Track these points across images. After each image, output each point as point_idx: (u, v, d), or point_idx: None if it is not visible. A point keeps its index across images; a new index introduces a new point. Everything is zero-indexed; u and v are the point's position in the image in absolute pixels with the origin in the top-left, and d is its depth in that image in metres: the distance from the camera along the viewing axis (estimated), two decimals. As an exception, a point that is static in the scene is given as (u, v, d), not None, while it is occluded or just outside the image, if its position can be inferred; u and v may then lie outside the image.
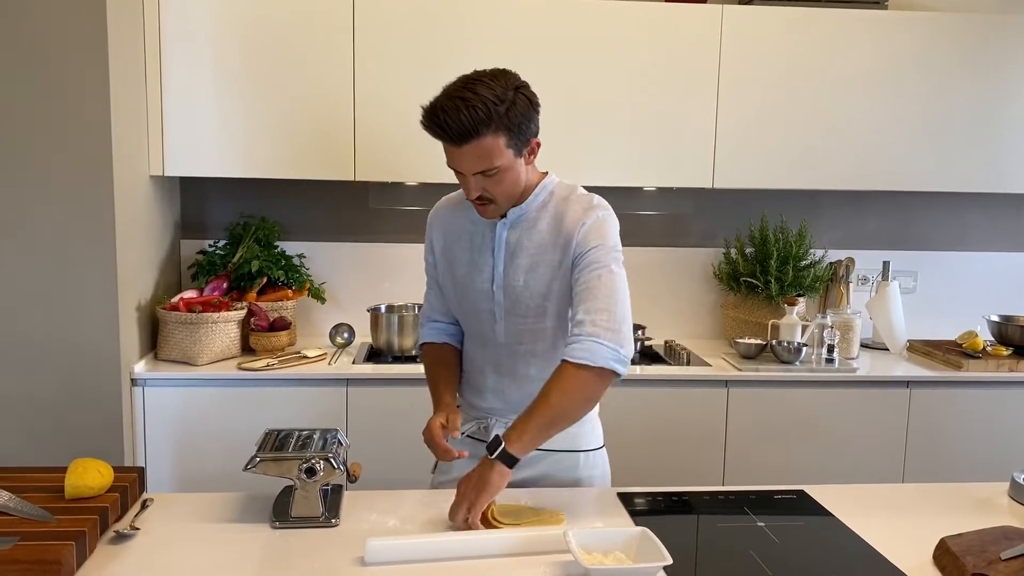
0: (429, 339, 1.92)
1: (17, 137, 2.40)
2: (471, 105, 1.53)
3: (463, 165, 1.61)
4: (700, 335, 3.38)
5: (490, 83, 1.57)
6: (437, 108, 1.56)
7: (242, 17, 2.74)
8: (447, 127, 1.55)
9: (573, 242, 1.68)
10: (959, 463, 2.88)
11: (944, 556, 1.43)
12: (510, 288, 1.73)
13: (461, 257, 1.79)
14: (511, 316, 1.75)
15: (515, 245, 1.73)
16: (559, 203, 1.73)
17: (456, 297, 1.83)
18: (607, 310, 1.60)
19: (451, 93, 1.57)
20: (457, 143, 1.57)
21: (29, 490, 1.49)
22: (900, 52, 2.96)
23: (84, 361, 2.49)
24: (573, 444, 1.83)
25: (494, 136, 1.57)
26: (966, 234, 3.45)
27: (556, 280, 1.70)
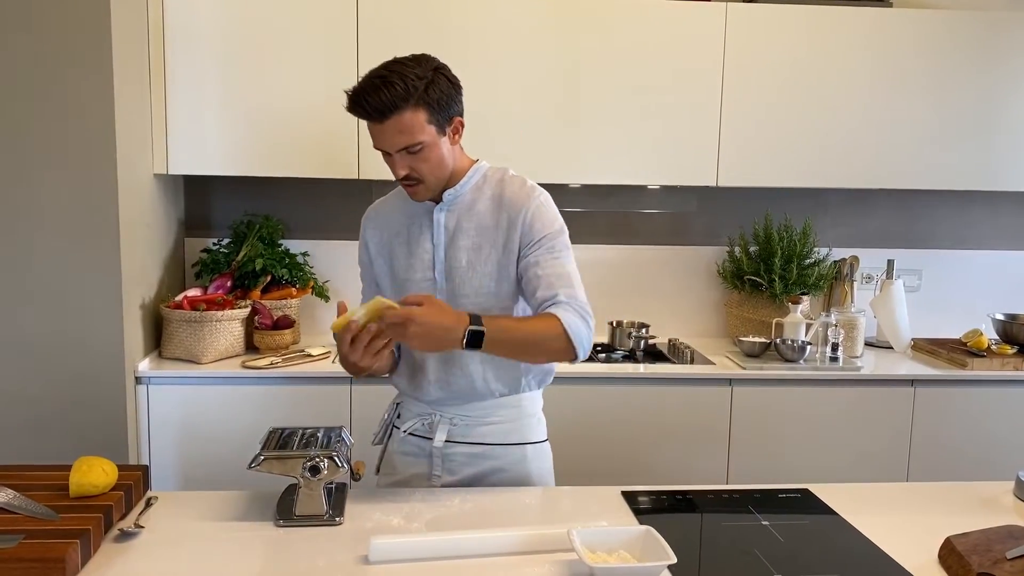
0: None
1: (21, 136, 2.40)
2: (389, 82, 1.60)
3: (386, 142, 1.65)
4: (704, 333, 3.37)
5: (410, 63, 1.64)
6: (357, 89, 1.63)
7: (246, 15, 2.74)
8: (367, 104, 1.61)
9: (519, 226, 1.73)
10: (963, 462, 2.87)
11: (949, 555, 1.43)
12: (453, 271, 1.76)
13: (400, 251, 1.81)
14: (454, 299, 1.76)
15: (454, 228, 1.77)
16: (495, 185, 1.79)
17: (395, 293, 1.82)
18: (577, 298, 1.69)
19: (371, 74, 1.64)
20: (379, 119, 1.62)
21: (33, 488, 1.49)
22: (905, 50, 2.96)
23: (88, 359, 2.50)
24: (520, 438, 1.86)
25: (413, 111, 1.62)
26: (971, 232, 3.44)
27: (501, 260, 1.74)
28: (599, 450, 2.79)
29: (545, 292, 1.69)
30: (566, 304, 1.66)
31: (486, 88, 2.83)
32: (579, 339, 1.64)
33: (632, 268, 3.32)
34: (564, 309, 1.65)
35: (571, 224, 3.41)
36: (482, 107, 2.84)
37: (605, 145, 2.92)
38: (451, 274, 1.76)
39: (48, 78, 2.39)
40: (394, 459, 1.89)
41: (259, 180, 3.07)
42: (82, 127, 2.41)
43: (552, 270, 1.70)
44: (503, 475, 1.83)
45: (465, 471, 1.82)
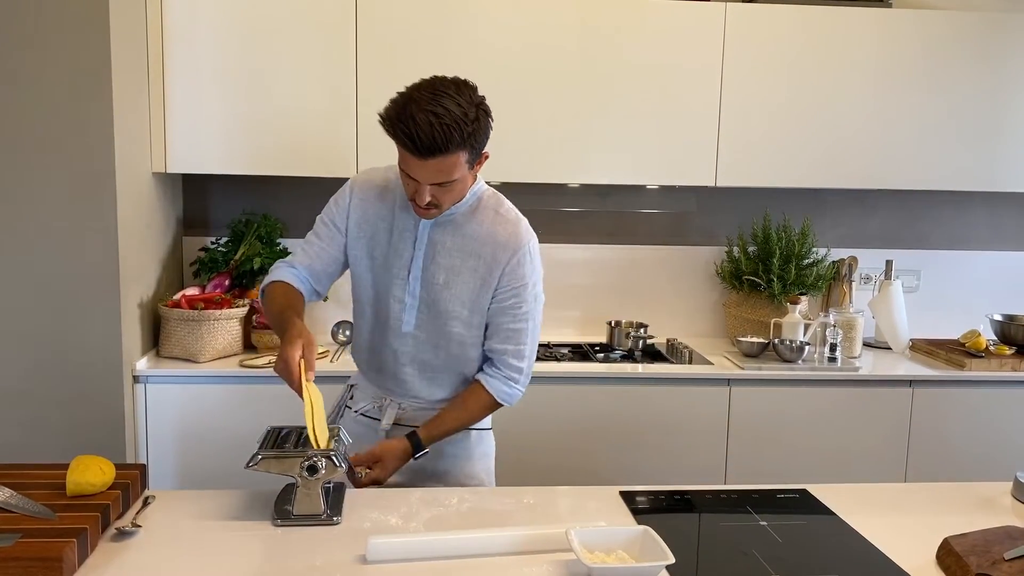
0: (286, 279, 1.82)
1: (19, 134, 2.39)
2: (444, 123, 1.56)
3: (422, 175, 1.63)
4: (702, 333, 3.37)
5: (457, 98, 1.60)
6: (407, 117, 1.57)
7: (244, 14, 2.74)
8: (418, 141, 1.57)
9: (502, 266, 1.78)
10: (962, 463, 2.87)
11: (947, 556, 1.43)
12: (429, 283, 1.79)
13: (381, 237, 1.81)
14: (426, 308, 1.80)
15: (438, 243, 1.79)
16: (488, 214, 1.81)
17: (370, 276, 1.84)
18: (528, 358, 1.85)
19: (420, 103, 1.57)
20: (423, 156, 1.59)
21: (31, 487, 1.49)
22: (904, 50, 2.96)
23: (86, 358, 2.49)
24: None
25: (459, 154, 1.61)
26: (970, 233, 3.44)
27: (477, 290, 1.79)
28: (597, 450, 2.79)
29: (498, 345, 1.83)
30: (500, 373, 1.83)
31: (485, 88, 2.80)
32: (507, 402, 1.86)
33: (631, 268, 3.32)
34: (497, 380, 1.83)
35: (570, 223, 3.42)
36: (481, 106, 2.85)
37: (604, 145, 2.91)
38: (428, 287, 1.80)
39: (47, 76, 2.38)
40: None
41: (258, 179, 3.06)
42: (80, 125, 2.41)
43: (514, 324, 1.82)
44: (446, 460, 1.90)
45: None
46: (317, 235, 1.87)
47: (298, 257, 1.86)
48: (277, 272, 1.85)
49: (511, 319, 1.81)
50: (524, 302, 1.81)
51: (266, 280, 1.85)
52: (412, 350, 1.84)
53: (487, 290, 1.79)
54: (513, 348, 1.82)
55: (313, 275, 1.86)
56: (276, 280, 1.83)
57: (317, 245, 1.86)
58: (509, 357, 1.83)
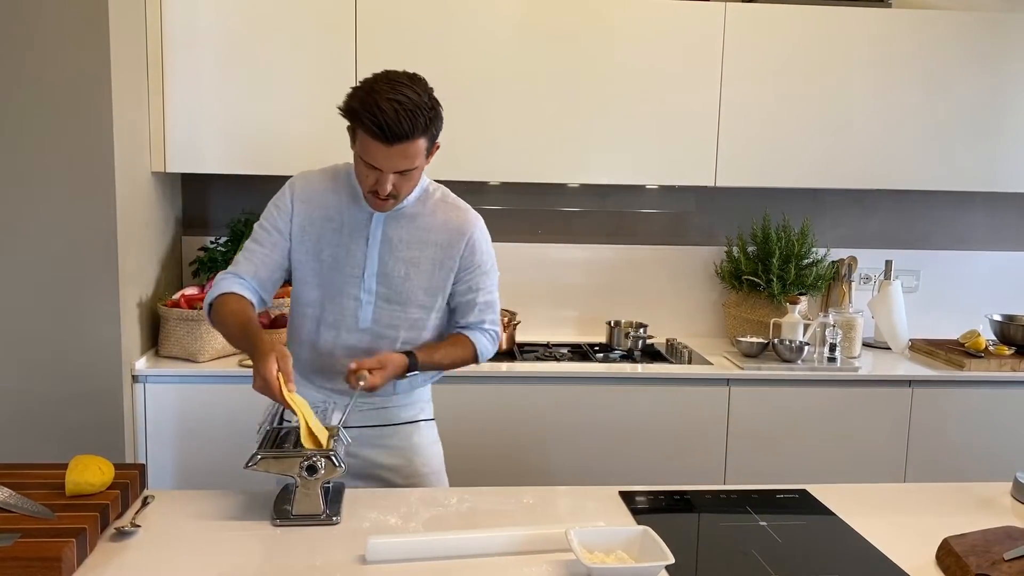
0: (236, 291, 1.78)
1: (18, 133, 2.39)
2: (408, 110, 1.62)
3: (387, 164, 1.67)
4: (702, 333, 3.37)
5: (413, 87, 1.66)
6: (373, 106, 1.62)
7: (244, 13, 2.74)
8: (386, 127, 1.62)
9: (461, 249, 1.85)
10: (961, 463, 2.87)
11: (947, 556, 1.43)
12: (388, 278, 1.82)
13: (329, 238, 1.82)
14: (384, 303, 1.84)
15: (393, 238, 1.82)
16: (437, 203, 1.87)
17: (319, 280, 1.84)
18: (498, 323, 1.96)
19: (384, 94, 1.63)
20: (389, 143, 1.64)
21: (30, 487, 1.49)
22: (904, 50, 2.95)
23: (85, 358, 2.49)
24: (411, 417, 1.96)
25: (420, 139, 1.67)
26: (969, 233, 3.44)
27: (437, 276, 1.85)
28: (596, 450, 2.78)
29: (477, 317, 1.91)
30: (485, 332, 1.92)
31: (485, 89, 2.83)
32: (484, 357, 1.93)
33: (630, 268, 3.32)
34: (483, 335, 1.91)
35: (570, 223, 3.43)
36: (481, 107, 2.85)
37: (604, 145, 2.91)
38: (387, 281, 1.82)
39: (46, 76, 2.37)
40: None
41: (257, 178, 3.04)
42: (80, 125, 2.40)
43: (483, 299, 1.91)
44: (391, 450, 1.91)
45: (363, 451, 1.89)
46: (258, 242, 1.83)
47: (242, 266, 1.82)
48: (224, 283, 1.80)
49: (480, 293, 1.90)
50: (487, 276, 1.90)
51: (212, 292, 1.80)
52: (369, 344, 1.85)
53: (447, 273, 1.86)
54: (489, 317, 1.92)
55: (260, 284, 1.82)
56: (225, 292, 1.78)
57: (260, 252, 1.82)
58: (487, 324, 1.92)
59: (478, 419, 2.74)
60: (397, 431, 1.92)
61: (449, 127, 2.79)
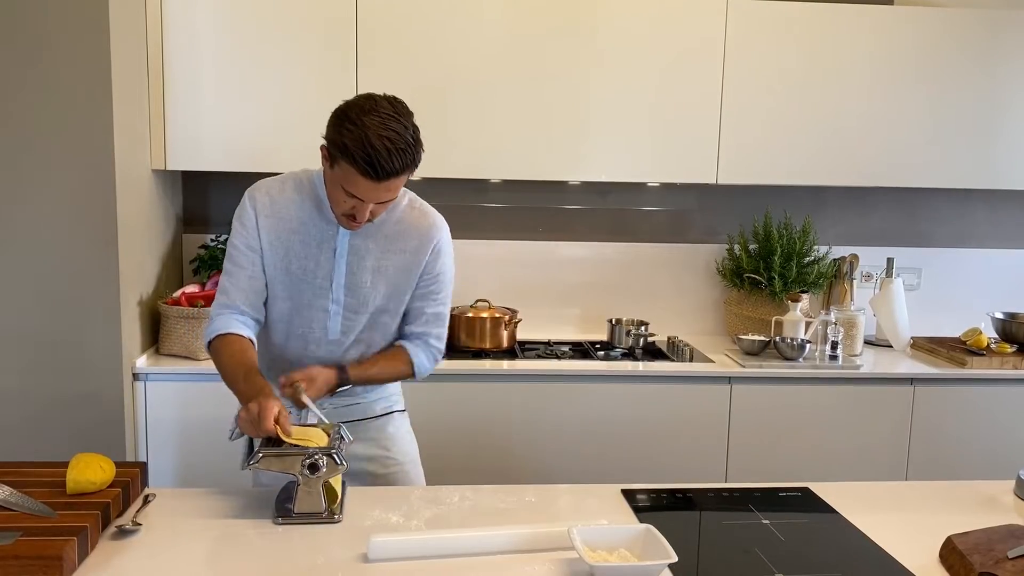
0: (234, 330, 1.76)
1: (18, 131, 2.39)
2: (399, 148, 1.60)
3: (371, 196, 1.65)
4: (703, 331, 3.37)
5: (401, 120, 1.62)
6: (366, 145, 1.57)
7: (244, 10, 2.73)
8: (378, 166, 1.59)
9: (426, 256, 1.84)
10: (963, 461, 2.87)
11: (951, 554, 1.43)
12: (355, 288, 1.82)
13: (296, 250, 1.79)
14: (351, 313, 1.83)
15: (360, 248, 1.81)
16: (404, 209, 1.84)
17: (288, 292, 1.81)
18: (443, 339, 1.93)
19: (375, 130, 1.58)
20: (381, 179, 1.62)
21: (31, 485, 1.49)
22: (905, 48, 2.95)
23: (86, 356, 2.48)
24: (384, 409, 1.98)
25: (407, 175, 1.67)
26: (971, 231, 3.43)
27: (401, 282, 1.85)
28: (598, 448, 2.78)
29: (419, 328, 1.89)
30: (429, 347, 1.90)
31: (486, 86, 2.82)
32: (420, 374, 1.90)
33: (631, 266, 3.31)
34: (424, 351, 1.89)
35: (571, 221, 3.42)
36: (482, 105, 2.84)
37: (604, 142, 2.91)
38: (354, 291, 1.82)
39: (45, 74, 2.37)
40: None
41: (258, 176, 3.02)
42: (80, 122, 2.40)
43: (434, 310, 1.89)
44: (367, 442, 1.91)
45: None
46: (237, 264, 1.79)
47: (232, 295, 1.79)
48: (221, 321, 1.78)
49: (432, 303, 1.88)
50: (444, 287, 1.89)
51: (211, 331, 1.78)
52: (337, 354, 1.85)
53: (412, 278, 1.85)
54: (436, 331, 1.90)
55: (254, 308, 1.81)
56: (224, 333, 1.76)
57: (244, 275, 1.79)
58: (432, 339, 1.90)
59: (479, 417, 2.74)
60: (372, 423, 1.94)
61: (450, 126, 2.82)
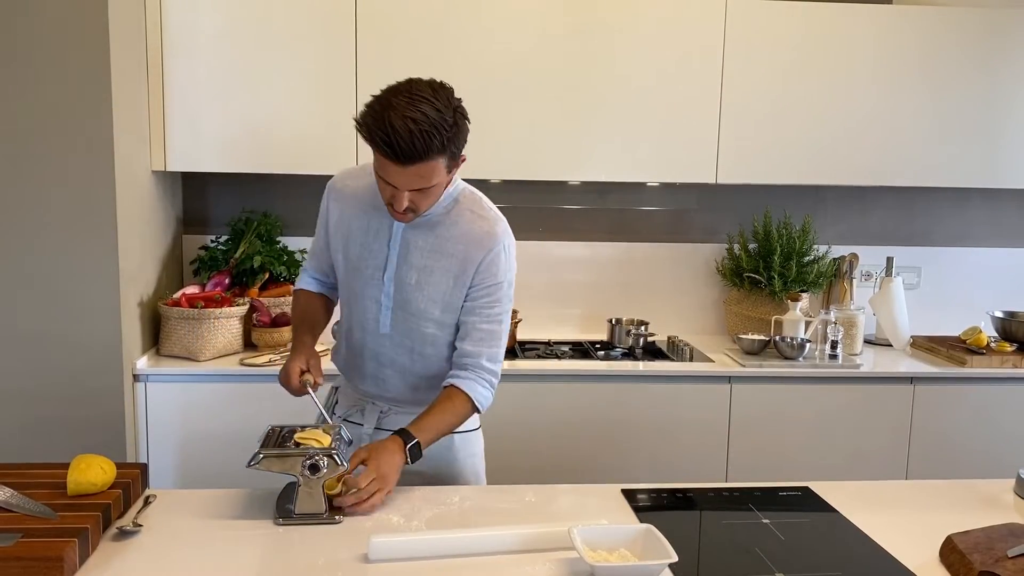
0: (306, 287, 1.98)
1: (18, 132, 2.39)
2: (424, 130, 1.53)
3: (401, 182, 1.61)
4: (703, 331, 3.37)
5: (434, 102, 1.55)
6: (386, 124, 1.53)
7: (244, 11, 2.73)
8: (398, 148, 1.53)
9: (477, 264, 1.75)
10: (963, 460, 2.87)
11: (951, 553, 1.43)
12: (402, 284, 1.78)
13: (356, 236, 1.81)
14: (401, 311, 1.79)
15: (411, 244, 1.77)
16: (464, 214, 1.77)
17: (345, 277, 1.85)
18: (498, 360, 1.81)
19: (400, 111, 1.53)
20: (403, 163, 1.56)
21: (31, 486, 1.49)
22: (904, 47, 2.95)
23: (86, 357, 2.49)
24: None
25: (438, 159, 1.59)
26: (970, 230, 3.43)
27: (449, 290, 1.76)
28: (598, 448, 2.78)
29: (471, 347, 1.78)
30: (476, 376, 1.77)
31: (485, 86, 2.82)
32: (483, 406, 1.79)
33: (631, 265, 3.32)
34: (474, 383, 1.77)
35: (571, 221, 3.42)
36: (482, 105, 2.83)
37: (604, 142, 2.91)
38: (400, 287, 1.78)
39: (45, 75, 2.37)
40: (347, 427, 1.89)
41: (257, 177, 3.06)
42: (80, 124, 2.40)
43: (487, 325, 1.78)
44: (428, 463, 1.80)
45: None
46: (317, 236, 1.94)
47: (310, 260, 1.98)
48: (299, 279, 2.01)
49: (484, 319, 1.78)
50: (498, 302, 1.78)
51: (296, 284, 2.01)
52: (390, 352, 1.83)
53: (461, 288, 1.76)
54: (488, 351, 1.78)
55: (324, 275, 1.96)
56: (297, 288, 1.99)
57: (318, 247, 1.94)
58: (484, 360, 1.78)
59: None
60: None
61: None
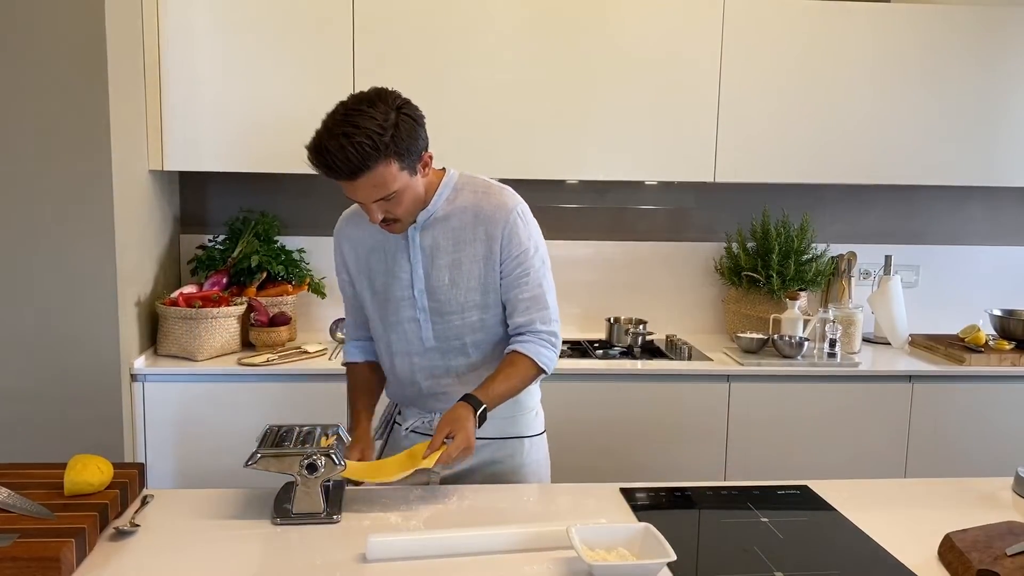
0: (352, 359, 1.96)
1: (15, 132, 2.38)
2: (355, 141, 1.53)
3: (360, 195, 1.63)
4: (702, 330, 3.36)
5: (369, 111, 1.56)
6: (321, 148, 1.55)
7: (241, 10, 2.73)
8: (336, 167, 1.55)
9: (499, 239, 1.74)
10: (961, 458, 2.87)
11: (949, 552, 1.43)
12: (435, 290, 1.76)
13: (378, 267, 1.80)
14: (439, 317, 1.78)
15: (432, 246, 1.76)
16: (468, 196, 1.76)
17: (377, 311, 1.83)
18: (556, 321, 1.82)
19: (332, 130, 1.55)
20: (350, 179, 1.57)
21: (29, 486, 1.48)
22: (903, 45, 2.95)
23: (83, 356, 2.48)
24: (517, 432, 1.89)
25: (385, 165, 1.57)
26: (969, 228, 3.43)
27: (484, 273, 1.76)
28: (596, 447, 2.78)
29: (521, 318, 1.78)
30: (535, 337, 1.78)
31: (483, 85, 2.82)
32: (548, 366, 1.79)
33: (630, 264, 3.31)
34: (534, 344, 1.77)
35: (569, 220, 3.40)
36: (479, 104, 2.84)
37: (602, 141, 2.90)
38: (434, 293, 1.76)
39: (42, 74, 2.36)
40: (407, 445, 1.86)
41: (255, 176, 3.05)
42: (76, 123, 2.39)
43: (528, 293, 1.77)
44: (498, 467, 1.85)
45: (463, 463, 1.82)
46: (345, 294, 1.93)
47: (351, 328, 1.96)
48: (348, 349, 1.98)
49: (524, 289, 1.77)
50: (531, 268, 1.77)
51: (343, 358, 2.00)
52: (441, 362, 1.82)
53: (493, 268, 1.76)
54: (538, 315, 1.78)
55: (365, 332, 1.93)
56: (347, 363, 1.97)
57: (351, 304, 1.92)
58: (537, 324, 1.78)
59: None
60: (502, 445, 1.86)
61: (446, 124, 2.81)
